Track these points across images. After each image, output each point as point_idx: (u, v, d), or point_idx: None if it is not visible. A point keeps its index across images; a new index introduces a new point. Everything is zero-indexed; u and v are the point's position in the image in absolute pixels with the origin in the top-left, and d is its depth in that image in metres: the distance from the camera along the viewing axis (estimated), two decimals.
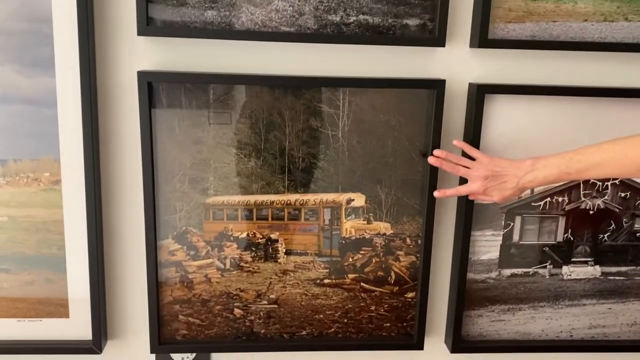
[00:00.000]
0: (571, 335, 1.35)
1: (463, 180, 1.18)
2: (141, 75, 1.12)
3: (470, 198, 1.20)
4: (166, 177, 1.19)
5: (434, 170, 1.21)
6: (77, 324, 1.26)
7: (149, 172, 1.17)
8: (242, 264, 1.25)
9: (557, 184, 1.25)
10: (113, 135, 1.19)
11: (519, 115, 1.22)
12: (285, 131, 1.19)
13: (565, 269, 1.31)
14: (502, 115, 1.21)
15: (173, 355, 1.32)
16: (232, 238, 1.24)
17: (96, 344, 1.25)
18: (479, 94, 1.18)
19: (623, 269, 1.32)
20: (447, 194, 1.17)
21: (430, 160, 1.16)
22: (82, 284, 1.23)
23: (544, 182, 1.08)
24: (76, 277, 1.23)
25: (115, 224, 1.24)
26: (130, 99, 1.17)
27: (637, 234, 1.30)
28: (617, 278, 1.33)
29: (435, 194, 1.18)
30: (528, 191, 1.25)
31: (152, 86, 1.13)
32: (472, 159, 1.15)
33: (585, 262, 1.31)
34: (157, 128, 1.16)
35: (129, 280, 1.27)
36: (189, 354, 1.32)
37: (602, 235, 1.30)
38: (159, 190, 1.19)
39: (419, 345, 1.31)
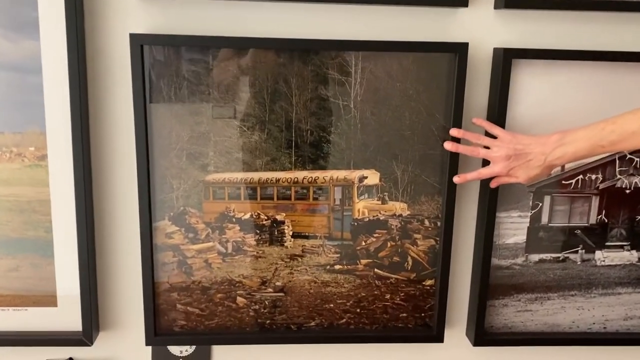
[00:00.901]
0: (605, 327, 1.25)
1: (486, 162, 1.08)
2: (134, 38, 1.03)
3: (493, 184, 1.10)
4: (162, 151, 1.09)
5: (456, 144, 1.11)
6: (66, 314, 1.17)
7: (142, 146, 1.08)
8: (245, 247, 1.16)
9: (590, 160, 1.15)
10: (104, 105, 1.10)
11: (551, 83, 1.11)
12: (292, 101, 1.09)
13: (598, 254, 1.21)
14: (531, 84, 1.11)
15: (170, 348, 1.22)
16: (234, 219, 1.15)
17: (87, 335, 1.16)
18: (506, 59, 1.08)
19: None
20: (467, 178, 1.08)
21: (447, 146, 1.08)
22: (70, 269, 1.14)
23: (574, 158, 1.00)
24: (64, 261, 1.14)
25: (107, 203, 1.15)
26: (122, 64, 1.07)
27: None
28: None
29: (455, 179, 1.10)
30: (558, 169, 1.15)
31: (145, 49, 1.04)
32: (493, 137, 1.06)
33: (621, 247, 1.21)
34: (151, 97, 1.07)
35: (121, 266, 1.18)
36: (187, 347, 1.22)
37: (639, 217, 1.19)
38: (154, 167, 1.10)
39: (439, 338, 1.21)
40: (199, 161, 1.11)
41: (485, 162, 1.10)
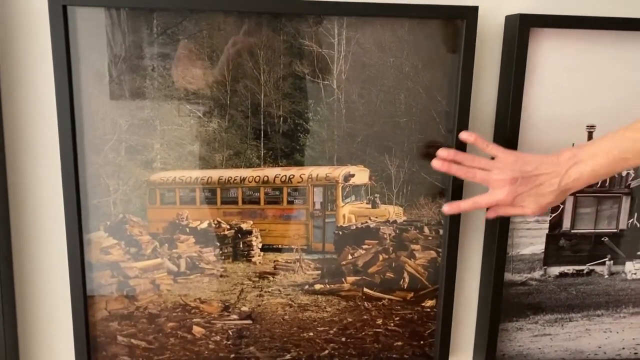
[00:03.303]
0: (636, 353, 1.09)
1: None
2: None
3: (491, 215, 0.91)
4: (94, 143, 0.89)
5: None
6: None
7: (67, 136, 0.87)
8: (202, 265, 0.96)
9: None
10: (17, 84, 0.88)
11: (576, 57, 0.94)
12: (260, 80, 0.89)
13: (629, 265, 1.05)
14: (551, 58, 0.94)
15: None
16: (187, 229, 0.95)
17: None
18: (522, 28, 0.90)
19: None
20: (461, 208, 0.89)
21: (435, 164, 0.88)
22: None
23: (594, 178, 0.83)
24: None
25: (25, 210, 0.93)
26: (40, 31, 0.86)
27: None
28: None
29: (445, 209, 0.89)
30: None
31: (69, 13, 0.83)
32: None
33: None
34: (79, 73, 0.86)
35: (45, 290, 0.97)
36: None
37: None
38: (84, 163, 0.89)
39: None
40: (142, 156, 0.90)
41: None
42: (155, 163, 0.90)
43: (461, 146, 0.92)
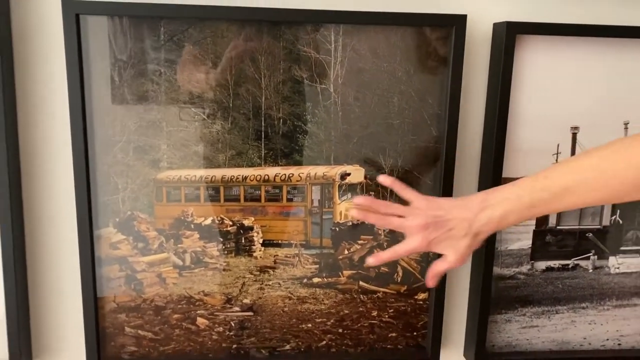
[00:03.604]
0: (619, 344, 1.12)
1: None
2: (67, 5, 0.86)
3: (430, 284, 0.84)
4: (104, 144, 0.92)
5: (452, 135, 0.97)
6: None
7: (80, 137, 0.91)
8: (206, 259, 1.00)
9: None
10: (32, 89, 0.92)
11: (561, 64, 0.98)
12: (261, 84, 0.93)
13: (612, 260, 1.08)
14: (537, 64, 0.97)
15: None
16: (192, 225, 0.98)
17: None
18: (509, 34, 0.94)
19: None
20: (383, 258, 0.83)
21: (354, 214, 0.84)
22: None
23: (505, 224, 0.79)
24: None
25: (38, 207, 0.97)
26: (55, 38, 0.90)
27: None
28: None
29: (369, 260, 0.83)
30: None
31: (81, 21, 0.87)
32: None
33: (637, 252, 1.08)
34: (90, 78, 0.90)
35: (58, 282, 1.00)
36: None
37: None
38: (94, 163, 0.93)
39: None
40: (149, 156, 0.94)
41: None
42: (161, 163, 0.94)
43: (450, 151, 0.96)
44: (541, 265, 1.07)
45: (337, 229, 1.01)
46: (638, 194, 0.72)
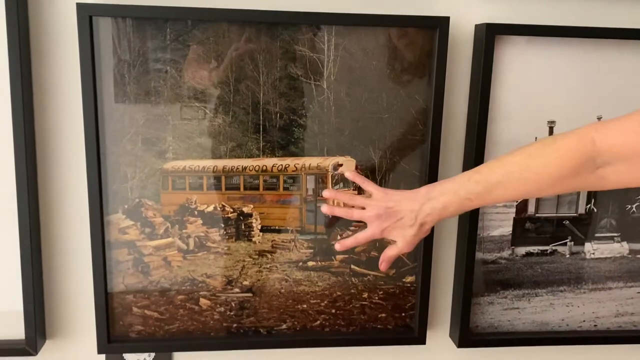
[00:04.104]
0: (595, 325, 1.18)
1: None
2: (82, 8, 0.92)
3: (383, 267, 0.93)
4: (114, 136, 0.99)
5: (437, 129, 1.03)
6: (7, 320, 1.04)
7: (92, 129, 0.97)
8: (208, 243, 1.06)
9: None
10: (48, 84, 0.99)
11: (538, 63, 1.05)
12: (259, 80, 0.99)
13: (588, 246, 1.14)
14: (516, 63, 1.04)
15: (126, 356, 1.11)
16: (196, 212, 1.05)
17: (30, 344, 1.03)
18: (488, 35, 1.00)
19: None
20: (347, 245, 0.91)
21: (324, 209, 0.91)
22: (11, 268, 1.02)
23: (445, 214, 0.86)
24: (4, 260, 1.02)
25: (53, 194, 1.03)
26: (69, 38, 0.97)
27: None
28: None
29: (336, 246, 0.92)
30: None
31: (94, 22, 0.94)
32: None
33: (611, 238, 1.14)
34: (101, 74, 0.97)
35: (70, 265, 1.06)
36: (145, 355, 1.11)
37: (629, 206, 1.13)
38: (105, 153, 1.00)
39: (421, 339, 1.12)
40: (156, 147, 1.00)
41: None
42: (167, 153, 1.01)
43: (435, 143, 1.03)
44: (521, 250, 1.13)
45: (331, 216, 1.07)
46: (557, 188, 0.81)
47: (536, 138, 1.07)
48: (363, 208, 0.89)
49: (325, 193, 0.93)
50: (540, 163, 0.79)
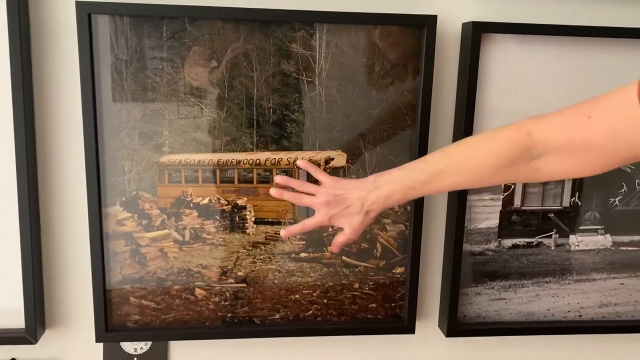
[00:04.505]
0: (580, 315, 1.21)
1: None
2: (80, 6, 0.95)
3: (335, 249, 0.95)
4: (112, 130, 1.02)
5: (425, 124, 1.06)
6: (7, 309, 1.07)
7: (90, 124, 1.00)
8: (204, 235, 1.09)
9: None
10: (48, 80, 1.02)
11: (524, 61, 1.08)
12: (253, 77, 1.03)
13: (572, 238, 1.17)
14: (502, 61, 1.08)
15: (123, 345, 1.13)
16: (191, 205, 1.07)
17: (30, 333, 1.06)
18: (475, 34, 1.04)
19: (637, 238, 1.18)
20: (292, 231, 0.93)
21: (272, 192, 0.93)
22: (11, 259, 1.05)
23: (390, 202, 0.88)
24: (4, 251, 1.05)
25: (52, 187, 1.06)
26: (68, 35, 1.00)
27: None
28: (630, 249, 1.19)
29: (282, 232, 0.94)
30: None
31: (92, 19, 0.97)
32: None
33: (595, 231, 1.17)
34: (100, 70, 0.99)
35: (69, 256, 1.09)
36: (142, 343, 1.13)
37: (612, 199, 1.16)
38: (103, 147, 1.02)
39: (410, 329, 1.15)
40: (153, 141, 1.03)
41: None
42: (164, 147, 1.04)
43: (423, 138, 1.06)
44: (508, 242, 1.16)
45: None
46: (496, 178, 0.84)
47: None
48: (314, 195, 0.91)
49: (277, 179, 0.96)
50: (481, 153, 0.82)
